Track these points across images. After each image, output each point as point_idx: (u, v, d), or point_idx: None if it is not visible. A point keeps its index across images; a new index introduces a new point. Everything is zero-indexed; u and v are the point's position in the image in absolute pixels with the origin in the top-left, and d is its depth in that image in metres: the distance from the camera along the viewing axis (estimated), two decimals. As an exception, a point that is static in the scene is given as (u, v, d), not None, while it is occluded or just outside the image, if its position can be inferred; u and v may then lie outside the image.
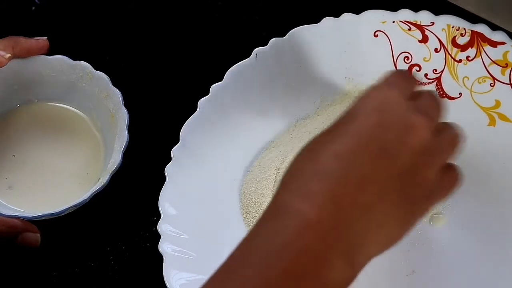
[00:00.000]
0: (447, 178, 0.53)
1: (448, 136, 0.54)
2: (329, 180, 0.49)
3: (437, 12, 0.74)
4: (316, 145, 0.52)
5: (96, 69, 0.72)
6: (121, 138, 0.69)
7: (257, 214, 0.70)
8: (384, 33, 0.74)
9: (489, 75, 0.72)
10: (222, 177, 0.71)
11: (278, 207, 0.50)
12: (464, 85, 0.73)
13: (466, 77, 0.73)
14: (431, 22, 0.74)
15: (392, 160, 0.50)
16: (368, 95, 0.52)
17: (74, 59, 0.73)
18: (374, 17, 0.74)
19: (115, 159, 0.68)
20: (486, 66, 0.72)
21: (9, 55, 0.71)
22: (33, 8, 0.83)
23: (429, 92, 0.55)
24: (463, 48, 0.73)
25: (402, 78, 0.55)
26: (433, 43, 0.74)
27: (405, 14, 0.74)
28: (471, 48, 0.73)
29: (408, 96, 0.53)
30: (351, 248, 0.49)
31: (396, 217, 0.51)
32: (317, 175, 0.49)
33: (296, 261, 0.47)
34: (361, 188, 0.49)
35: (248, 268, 0.47)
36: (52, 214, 0.67)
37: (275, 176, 0.71)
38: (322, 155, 0.50)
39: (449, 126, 0.55)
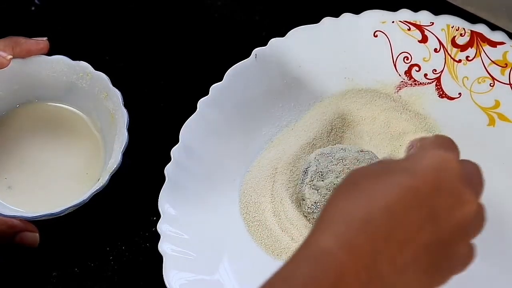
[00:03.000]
0: (468, 254, 0.52)
1: (481, 215, 0.52)
2: (375, 234, 0.47)
3: (436, 12, 0.74)
4: (364, 187, 0.49)
5: (96, 69, 0.72)
6: (121, 138, 0.69)
7: (256, 214, 0.70)
8: (384, 33, 0.74)
9: (488, 75, 0.72)
10: (221, 177, 0.71)
11: (316, 249, 0.47)
12: (464, 85, 0.73)
13: (465, 77, 0.73)
14: (430, 22, 0.74)
15: (437, 227, 0.49)
16: (425, 152, 0.50)
17: (74, 59, 0.73)
18: (373, 17, 0.74)
19: (115, 159, 0.68)
20: (486, 66, 0.72)
21: (11, 56, 0.71)
22: (33, 8, 0.83)
23: (474, 164, 0.53)
24: (463, 48, 0.73)
25: (454, 143, 0.53)
26: (432, 43, 0.74)
27: (405, 14, 0.74)
28: (471, 48, 0.73)
29: (461, 164, 0.51)
30: None
31: (421, 283, 0.49)
32: (363, 225, 0.47)
33: None
34: (403, 249, 0.48)
35: None
36: (51, 214, 0.67)
37: (274, 176, 0.71)
38: (371, 203, 0.48)
39: (482, 206, 0.52)
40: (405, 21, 0.74)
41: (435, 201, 0.49)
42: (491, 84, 0.72)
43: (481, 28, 0.73)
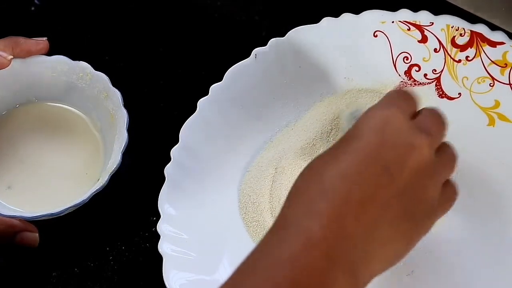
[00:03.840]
0: (446, 194, 0.55)
1: (447, 155, 0.55)
2: (334, 200, 0.51)
3: (436, 12, 0.74)
4: (320, 164, 0.54)
5: (95, 69, 0.72)
6: (121, 138, 0.69)
7: (256, 214, 0.70)
8: (384, 33, 0.74)
9: (488, 75, 0.72)
10: (221, 177, 0.71)
11: (285, 221, 0.52)
12: (464, 85, 0.73)
13: (465, 77, 0.73)
14: (430, 22, 0.74)
15: (394, 179, 0.52)
16: (369, 115, 0.54)
17: (73, 59, 0.73)
18: (373, 17, 0.74)
19: (115, 159, 0.68)
20: (486, 66, 0.72)
21: (11, 56, 0.71)
22: (33, 8, 0.83)
23: (431, 110, 0.57)
24: (463, 48, 0.73)
25: (403, 97, 0.56)
26: (432, 43, 0.74)
27: (405, 14, 0.74)
28: (471, 48, 0.73)
29: (410, 115, 0.55)
30: (354, 265, 0.50)
31: (399, 234, 0.52)
32: (322, 194, 0.51)
33: (302, 274, 0.49)
34: (364, 207, 0.51)
35: (259, 275, 0.49)
36: (51, 214, 0.67)
37: (273, 176, 0.71)
38: (326, 174, 0.52)
39: (447, 145, 0.56)
40: (405, 21, 0.74)
41: (384, 157, 0.52)
42: (491, 84, 0.72)
43: (481, 28, 0.73)
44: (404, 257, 0.54)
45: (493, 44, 0.72)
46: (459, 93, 0.73)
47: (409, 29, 0.74)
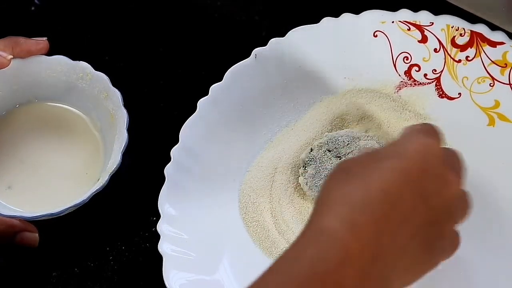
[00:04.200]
0: (455, 238, 0.55)
1: (465, 200, 0.56)
2: (376, 215, 0.50)
3: (436, 12, 0.74)
4: (361, 171, 0.52)
5: (95, 69, 0.72)
6: (121, 139, 0.69)
7: (255, 214, 0.70)
8: (384, 33, 0.74)
9: (488, 75, 0.72)
10: (221, 177, 0.71)
11: (321, 231, 0.50)
12: (464, 85, 0.73)
13: (465, 77, 0.73)
14: (430, 22, 0.74)
15: (428, 207, 0.52)
16: (413, 138, 0.54)
17: (73, 59, 0.73)
18: (373, 17, 0.74)
19: (115, 159, 0.68)
20: (486, 66, 0.72)
21: (11, 56, 0.71)
22: (33, 8, 0.83)
23: (455, 150, 0.57)
24: (463, 48, 0.73)
25: (436, 130, 0.56)
26: (432, 43, 0.74)
27: (405, 14, 0.74)
28: (471, 48, 0.73)
29: (444, 150, 0.55)
30: (383, 282, 0.50)
31: (420, 260, 0.52)
32: (365, 206, 0.50)
33: None
34: (402, 228, 0.50)
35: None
36: (51, 214, 0.67)
37: (273, 176, 0.71)
38: (370, 186, 0.51)
39: (466, 192, 0.56)
40: (405, 21, 0.74)
41: (424, 182, 0.52)
42: (491, 84, 0.72)
43: (481, 28, 0.73)
44: (411, 285, 0.53)
45: (493, 44, 0.72)
46: (459, 93, 0.73)
47: (409, 29, 0.74)
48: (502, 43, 0.72)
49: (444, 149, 0.55)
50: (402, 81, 0.74)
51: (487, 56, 0.72)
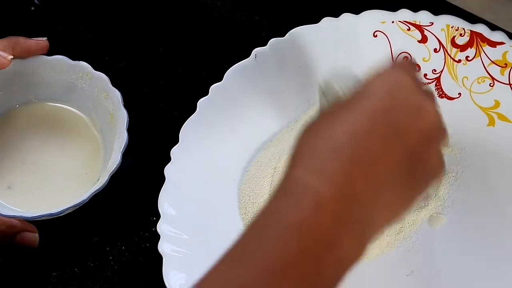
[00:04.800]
0: (439, 163, 0.55)
1: (442, 124, 0.55)
2: (344, 159, 0.50)
3: (436, 12, 0.74)
4: (326, 121, 0.52)
5: (95, 69, 0.72)
6: (121, 139, 0.69)
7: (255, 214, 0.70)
8: (384, 33, 0.74)
9: (488, 75, 0.72)
10: (221, 177, 0.71)
11: (293, 183, 0.50)
12: (464, 85, 0.73)
13: (465, 77, 0.73)
14: (430, 22, 0.74)
15: (402, 141, 0.51)
16: (379, 77, 0.53)
17: (73, 59, 0.73)
18: (373, 17, 0.74)
19: (115, 159, 0.68)
20: (486, 66, 0.72)
21: (11, 56, 0.71)
22: (33, 8, 0.83)
23: (422, 81, 0.58)
24: (463, 48, 0.73)
25: (408, 64, 0.57)
26: (432, 43, 0.74)
27: (405, 14, 0.74)
28: (471, 48, 0.73)
29: (414, 80, 0.55)
30: (361, 226, 0.50)
31: (400, 198, 0.52)
32: (331, 153, 0.50)
33: (311, 239, 0.48)
34: (373, 168, 0.50)
35: (265, 245, 0.48)
36: (51, 214, 0.67)
37: (272, 176, 0.71)
38: (335, 133, 0.51)
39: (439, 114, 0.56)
40: (404, 21, 0.74)
41: (395, 117, 0.51)
42: (491, 84, 0.72)
43: (481, 28, 0.73)
44: (402, 217, 0.53)
45: (493, 44, 0.72)
46: (459, 93, 0.73)
47: (409, 29, 0.74)
48: (502, 43, 0.72)
49: (412, 79, 0.54)
50: (402, 81, 0.74)
51: (487, 56, 0.72)
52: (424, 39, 0.74)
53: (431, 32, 0.74)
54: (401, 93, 0.52)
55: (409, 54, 0.74)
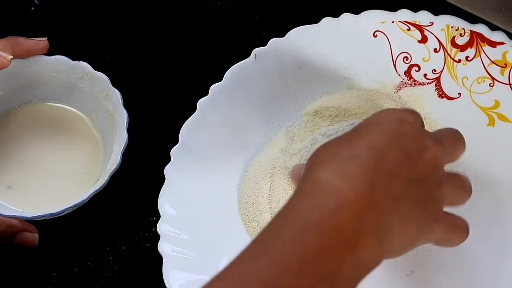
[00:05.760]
0: (455, 219, 0.57)
1: (460, 179, 0.58)
2: (365, 166, 0.51)
3: (436, 12, 0.74)
4: (343, 139, 0.54)
5: (95, 69, 0.72)
6: (121, 139, 0.69)
7: (255, 214, 0.70)
8: (384, 33, 0.74)
9: (488, 75, 0.72)
10: (221, 177, 0.71)
11: (313, 183, 0.51)
12: (464, 85, 0.73)
13: (465, 77, 0.73)
14: (430, 22, 0.74)
15: (413, 166, 0.53)
16: (387, 111, 0.56)
17: (73, 59, 0.73)
18: (373, 17, 0.74)
19: (114, 160, 0.68)
20: (485, 66, 0.72)
21: (11, 56, 0.71)
22: (33, 8, 0.83)
23: (447, 129, 0.59)
24: (463, 48, 0.73)
25: (413, 111, 0.58)
26: (432, 43, 0.74)
27: (404, 14, 0.74)
28: (470, 48, 0.73)
29: (418, 119, 0.57)
30: (381, 231, 0.50)
31: (414, 215, 0.53)
32: (353, 159, 0.51)
33: (331, 237, 0.49)
34: (391, 180, 0.51)
35: (285, 242, 0.49)
36: (51, 215, 0.67)
37: (271, 176, 0.71)
38: (355, 145, 0.52)
39: (463, 176, 0.58)
40: (404, 21, 0.74)
41: (405, 144, 0.53)
42: (491, 84, 0.72)
43: (481, 28, 0.73)
44: (412, 247, 0.54)
45: (493, 44, 0.72)
46: (459, 93, 0.73)
47: (409, 29, 0.74)
48: (502, 43, 0.72)
49: (420, 125, 0.57)
50: (402, 81, 0.74)
51: (487, 56, 0.72)
52: (424, 39, 0.74)
53: (431, 32, 0.74)
54: (408, 126, 0.55)
55: (409, 54, 0.74)
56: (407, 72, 0.74)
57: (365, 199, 0.50)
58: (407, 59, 0.74)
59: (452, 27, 0.73)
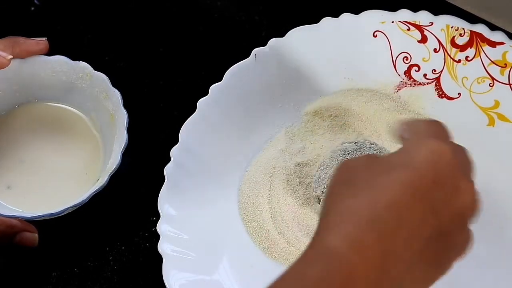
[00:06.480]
0: (466, 239, 0.54)
1: (476, 200, 0.54)
2: (382, 233, 0.48)
3: (436, 12, 0.74)
4: (363, 179, 0.50)
5: (95, 69, 0.72)
6: (120, 139, 0.69)
7: (254, 215, 0.70)
8: (383, 33, 0.74)
9: (488, 75, 0.72)
10: (221, 177, 0.71)
11: (326, 250, 0.48)
12: (463, 85, 0.73)
13: (465, 77, 0.73)
14: (430, 22, 0.74)
15: (438, 219, 0.50)
16: (425, 145, 0.51)
17: (73, 59, 0.73)
18: (373, 17, 0.74)
19: (114, 160, 0.68)
20: (485, 66, 0.72)
21: (11, 56, 0.71)
22: (32, 8, 0.83)
23: (462, 148, 0.55)
24: (462, 48, 0.73)
25: (443, 128, 0.55)
26: (432, 43, 0.74)
27: (404, 14, 0.74)
28: (470, 48, 0.73)
29: (453, 152, 0.52)
30: None
31: (426, 274, 0.51)
32: (370, 224, 0.48)
33: None
34: (408, 245, 0.49)
35: None
36: (51, 215, 0.67)
37: (271, 176, 0.71)
38: (376, 201, 0.49)
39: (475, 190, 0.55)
40: (404, 21, 0.74)
41: (434, 195, 0.50)
42: (491, 84, 0.72)
43: (480, 28, 0.73)
44: None
45: (493, 44, 0.72)
46: (459, 93, 0.73)
47: (409, 29, 0.74)
48: (501, 43, 0.72)
49: (454, 152, 0.52)
50: (402, 81, 0.74)
51: (487, 56, 0.72)
52: (424, 39, 0.74)
53: (431, 32, 0.74)
54: (444, 170, 0.50)
55: (409, 54, 0.74)
56: (407, 72, 0.74)
57: (375, 274, 0.48)
58: (407, 59, 0.74)
59: (452, 27, 0.73)
